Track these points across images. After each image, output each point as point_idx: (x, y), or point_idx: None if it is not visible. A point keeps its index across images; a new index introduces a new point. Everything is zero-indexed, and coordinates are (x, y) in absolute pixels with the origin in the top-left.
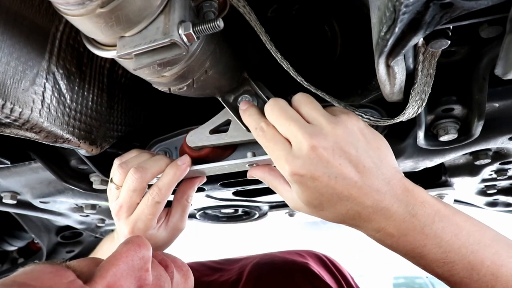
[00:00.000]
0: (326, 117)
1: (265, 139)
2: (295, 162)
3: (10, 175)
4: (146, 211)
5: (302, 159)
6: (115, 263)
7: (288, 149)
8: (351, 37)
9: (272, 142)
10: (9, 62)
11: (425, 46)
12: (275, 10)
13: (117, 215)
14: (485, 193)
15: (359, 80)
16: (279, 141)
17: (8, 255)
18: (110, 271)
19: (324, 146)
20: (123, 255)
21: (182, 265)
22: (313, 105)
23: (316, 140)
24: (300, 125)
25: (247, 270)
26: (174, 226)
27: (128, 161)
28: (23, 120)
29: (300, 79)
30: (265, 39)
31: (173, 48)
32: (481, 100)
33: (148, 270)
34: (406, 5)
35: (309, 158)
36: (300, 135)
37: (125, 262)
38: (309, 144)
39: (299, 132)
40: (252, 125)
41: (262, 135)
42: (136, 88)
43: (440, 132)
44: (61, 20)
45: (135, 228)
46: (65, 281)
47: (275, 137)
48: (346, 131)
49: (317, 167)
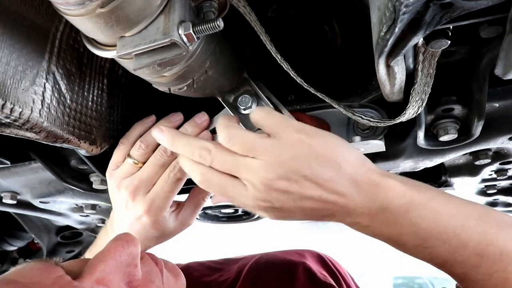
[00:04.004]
0: (268, 146)
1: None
2: (258, 201)
3: (10, 175)
4: (165, 188)
5: (260, 196)
6: (104, 259)
7: (244, 190)
8: (351, 37)
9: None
10: (9, 62)
11: (425, 46)
12: (275, 10)
13: (135, 191)
14: (485, 193)
15: (359, 80)
16: (231, 186)
17: (8, 255)
18: (99, 267)
19: (279, 177)
20: (111, 251)
21: (173, 268)
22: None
23: (269, 177)
24: (251, 168)
25: (246, 269)
26: (183, 220)
27: (148, 136)
28: (23, 120)
29: (299, 80)
30: (265, 40)
31: (173, 48)
32: (481, 100)
33: (137, 266)
34: (406, 5)
35: (269, 194)
36: (252, 178)
37: (114, 258)
38: (263, 184)
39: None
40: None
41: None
42: (136, 88)
43: (440, 132)
44: (61, 20)
45: (152, 207)
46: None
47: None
48: (293, 152)
49: (278, 198)
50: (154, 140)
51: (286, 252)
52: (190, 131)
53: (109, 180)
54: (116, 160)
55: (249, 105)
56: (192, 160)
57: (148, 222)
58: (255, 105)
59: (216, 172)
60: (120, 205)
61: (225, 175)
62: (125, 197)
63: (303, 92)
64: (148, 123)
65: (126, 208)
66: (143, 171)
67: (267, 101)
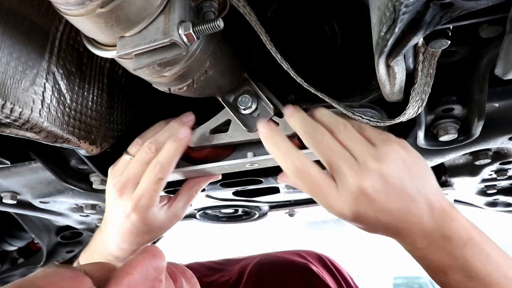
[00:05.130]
0: (370, 152)
1: (303, 179)
2: (344, 204)
3: (10, 175)
4: (149, 187)
5: (350, 200)
6: (130, 272)
7: (335, 190)
8: (351, 37)
9: (316, 185)
10: (9, 62)
11: (425, 46)
12: (275, 10)
13: (122, 189)
14: (485, 193)
15: (359, 80)
16: (323, 182)
17: (8, 255)
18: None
19: (371, 186)
20: (138, 264)
21: (191, 277)
22: (353, 135)
23: (365, 182)
24: (349, 164)
25: (248, 270)
26: (175, 212)
27: (146, 133)
28: (23, 120)
29: (300, 79)
30: (265, 39)
31: (173, 48)
32: (481, 100)
33: (161, 281)
34: (406, 5)
35: (357, 199)
36: (349, 176)
37: (140, 272)
38: (357, 186)
39: (348, 172)
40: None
41: (301, 174)
42: (136, 88)
43: (440, 132)
44: (61, 20)
45: (138, 205)
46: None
47: (318, 177)
48: (390, 165)
49: (365, 206)
50: (151, 136)
51: (287, 253)
52: (175, 127)
53: (108, 176)
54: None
55: (249, 105)
56: (290, 145)
57: (137, 219)
58: (255, 105)
59: (315, 164)
60: (110, 203)
61: (322, 172)
62: (113, 195)
63: (303, 92)
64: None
65: (115, 206)
66: (129, 168)
67: (267, 101)
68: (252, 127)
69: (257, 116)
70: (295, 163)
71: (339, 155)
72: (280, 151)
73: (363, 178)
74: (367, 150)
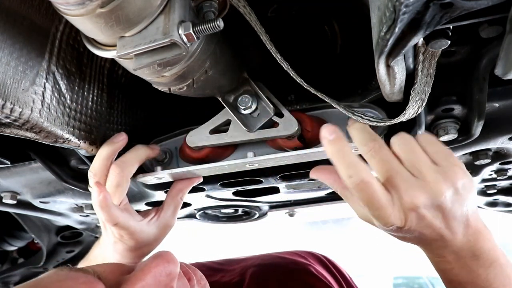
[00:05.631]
0: (432, 170)
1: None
2: (395, 217)
3: (10, 175)
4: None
5: (402, 214)
6: (143, 277)
7: (390, 203)
8: (351, 37)
9: (375, 197)
10: (9, 62)
11: (425, 46)
12: (275, 10)
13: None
14: (485, 193)
15: (359, 80)
16: (383, 196)
17: (8, 255)
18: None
19: (425, 205)
20: (151, 270)
21: (202, 278)
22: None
23: (420, 200)
24: (408, 181)
25: (250, 272)
26: (166, 222)
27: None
28: (23, 120)
29: (299, 80)
30: (265, 39)
31: (173, 48)
32: (481, 100)
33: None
34: (406, 5)
35: (409, 214)
36: (406, 192)
37: (153, 277)
38: (412, 203)
39: (405, 189)
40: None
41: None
42: (136, 88)
43: (440, 132)
44: (61, 20)
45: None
46: None
47: (379, 191)
48: (449, 191)
49: (413, 221)
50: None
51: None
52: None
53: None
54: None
55: (249, 105)
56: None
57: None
58: (255, 105)
59: (374, 177)
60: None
61: (382, 187)
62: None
63: (303, 92)
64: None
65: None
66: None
67: (267, 101)
68: (252, 127)
69: (257, 116)
70: (361, 175)
71: (397, 171)
72: (344, 160)
73: (420, 198)
74: (430, 168)
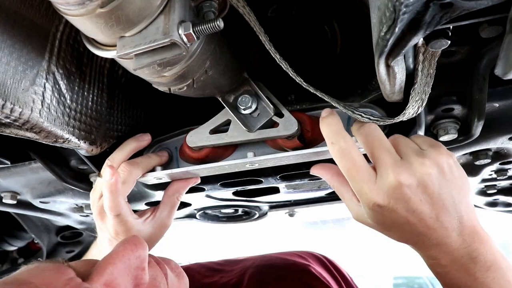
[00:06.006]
0: (417, 152)
1: (344, 160)
2: (378, 194)
3: (10, 175)
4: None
5: (385, 192)
6: (112, 261)
7: (373, 179)
8: (351, 37)
9: (355, 168)
10: (9, 62)
11: (425, 46)
12: (275, 10)
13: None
14: (485, 193)
15: (359, 80)
16: (363, 168)
17: (8, 255)
18: (108, 269)
19: (410, 184)
20: (119, 254)
21: (176, 267)
22: (406, 141)
23: (404, 177)
24: (393, 159)
25: (249, 273)
26: (162, 222)
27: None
28: (23, 120)
29: (299, 79)
30: (265, 39)
31: (173, 48)
32: (481, 100)
33: (144, 269)
34: (406, 5)
35: (393, 193)
36: (391, 169)
37: (122, 261)
38: (396, 180)
39: (390, 165)
40: (329, 139)
41: (343, 156)
42: (136, 88)
43: (440, 132)
44: (61, 20)
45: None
46: (65, 277)
47: (359, 162)
48: (434, 169)
49: (398, 201)
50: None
51: (287, 254)
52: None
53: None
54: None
55: (249, 105)
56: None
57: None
58: (255, 105)
59: (359, 152)
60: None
61: (364, 159)
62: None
63: (303, 92)
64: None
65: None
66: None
67: (267, 101)
68: (252, 127)
69: (257, 116)
70: (341, 143)
71: (384, 149)
72: (330, 130)
73: (404, 175)
74: (415, 151)
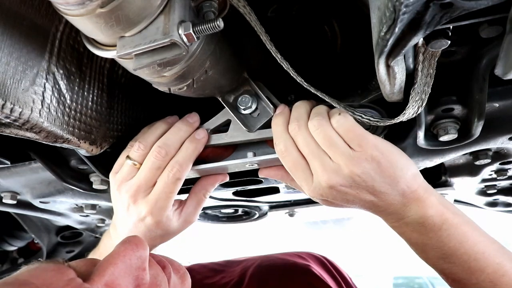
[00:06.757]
0: (344, 155)
1: (285, 160)
2: (316, 191)
3: (10, 175)
4: (165, 189)
5: (321, 191)
6: (113, 262)
7: (309, 179)
8: (351, 37)
9: (294, 168)
10: (9, 62)
11: (425, 46)
12: (275, 10)
13: (135, 195)
14: (485, 193)
15: (359, 80)
16: (300, 169)
17: (8, 255)
18: (108, 270)
19: (342, 184)
20: (120, 254)
21: (179, 267)
22: (328, 132)
23: (335, 181)
24: (323, 165)
25: (249, 273)
26: (186, 217)
27: (144, 137)
28: (23, 120)
29: (299, 79)
30: (265, 39)
31: (173, 48)
32: (481, 100)
33: (145, 269)
34: (406, 5)
35: (329, 192)
36: (321, 175)
37: (123, 261)
38: (327, 184)
39: (320, 172)
40: (276, 140)
41: (283, 156)
42: (136, 88)
43: (440, 132)
44: (61, 20)
45: (154, 208)
46: (66, 278)
47: (297, 163)
48: (363, 167)
49: (336, 197)
50: (154, 140)
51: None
52: (183, 129)
53: (111, 182)
54: (120, 162)
55: (249, 105)
56: (284, 129)
57: (152, 223)
58: (255, 105)
59: (297, 150)
60: (121, 208)
61: (302, 157)
62: (126, 201)
63: (303, 92)
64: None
65: (128, 211)
66: (140, 174)
67: (267, 101)
68: (252, 127)
69: (257, 116)
70: (281, 145)
71: (314, 153)
72: (275, 130)
73: (333, 179)
74: (342, 153)
